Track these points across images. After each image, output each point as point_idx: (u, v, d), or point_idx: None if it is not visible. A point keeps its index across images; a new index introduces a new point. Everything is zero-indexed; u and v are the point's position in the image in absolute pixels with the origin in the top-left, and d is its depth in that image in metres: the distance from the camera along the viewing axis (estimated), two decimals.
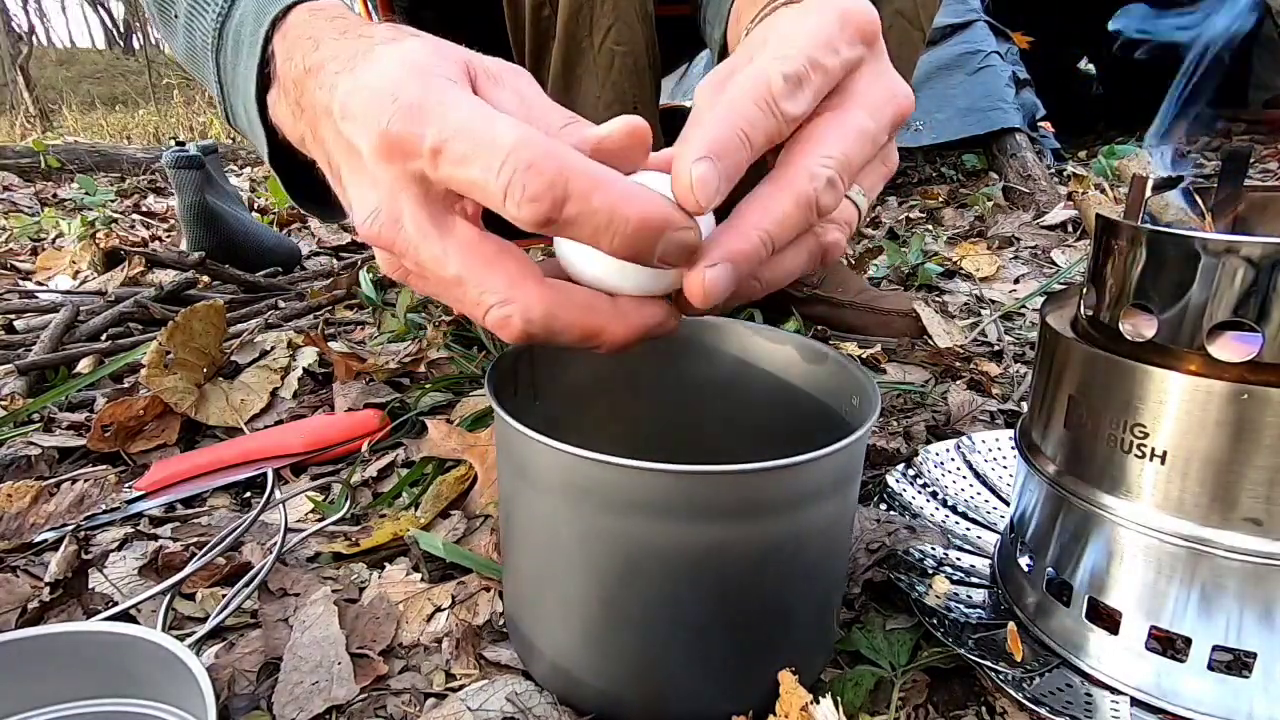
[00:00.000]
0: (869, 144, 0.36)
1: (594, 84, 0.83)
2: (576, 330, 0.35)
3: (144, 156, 3.25)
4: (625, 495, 0.37)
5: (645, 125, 0.34)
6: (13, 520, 0.63)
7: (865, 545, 0.55)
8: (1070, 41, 3.28)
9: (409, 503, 0.67)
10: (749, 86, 0.34)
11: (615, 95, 0.83)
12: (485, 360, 0.92)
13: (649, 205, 0.31)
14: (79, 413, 0.84)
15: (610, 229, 0.31)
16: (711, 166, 0.32)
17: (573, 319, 0.35)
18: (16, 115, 6.52)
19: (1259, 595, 0.39)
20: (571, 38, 0.80)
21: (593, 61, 0.82)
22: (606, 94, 0.83)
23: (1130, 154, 1.96)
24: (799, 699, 0.39)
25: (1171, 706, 0.42)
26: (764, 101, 0.33)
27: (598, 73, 0.82)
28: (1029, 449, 0.49)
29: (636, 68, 0.83)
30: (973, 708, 0.46)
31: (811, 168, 0.34)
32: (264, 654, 0.49)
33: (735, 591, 0.39)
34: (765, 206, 0.34)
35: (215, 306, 0.86)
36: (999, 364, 0.95)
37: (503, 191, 0.30)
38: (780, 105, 0.34)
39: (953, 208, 1.87)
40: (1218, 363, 0.38)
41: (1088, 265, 0.45)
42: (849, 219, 0.39)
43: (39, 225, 2.00)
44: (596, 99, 0.83)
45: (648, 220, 0.31)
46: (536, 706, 0.45)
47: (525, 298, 0.34)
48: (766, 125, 0.33)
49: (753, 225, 0.34)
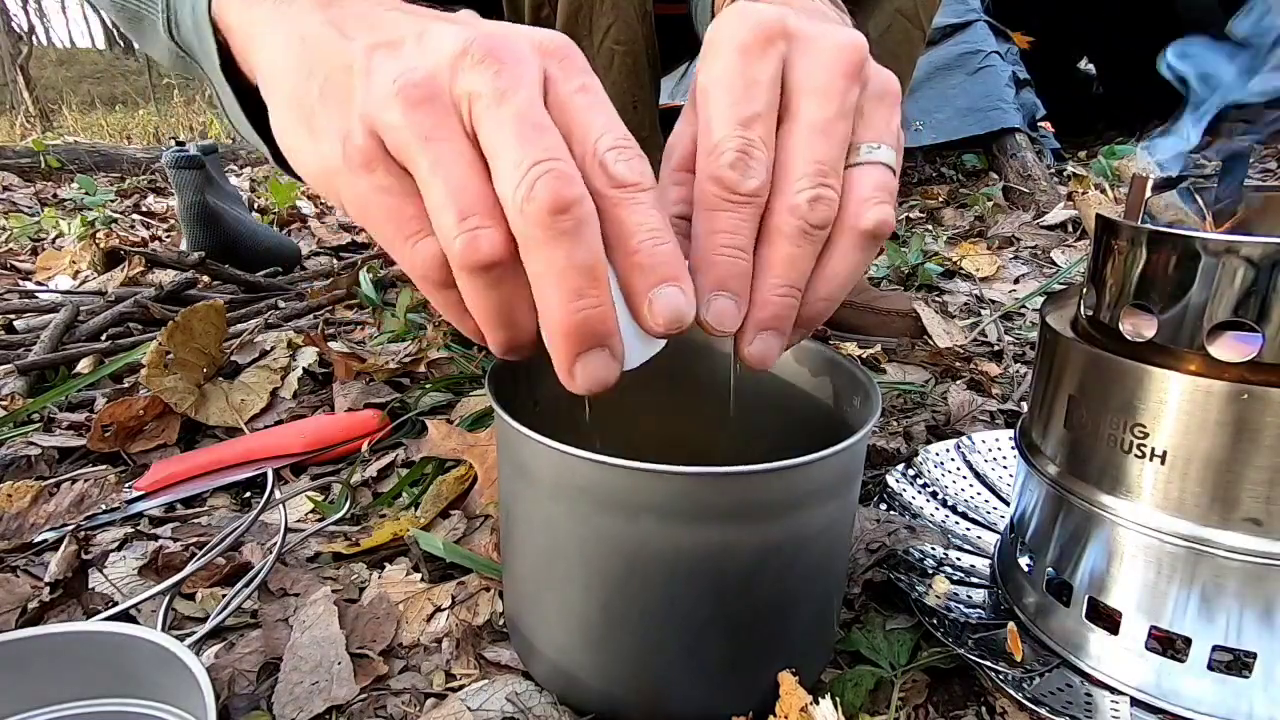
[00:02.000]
0: (835, 128, 0.34)
1: None
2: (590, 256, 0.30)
3: (144, 156, 3.25)
4: (625, 496, 0.37)
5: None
6: (13, 520, 0.63)
7: (865, 545, 0.55)
8: (1070, 41, 3.29)
9: (409, 503, 0.67)
10: (703, 198, 0.34)
11: (615, 94, 0.83)
12: (485, 360, 0.92)
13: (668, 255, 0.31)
14: (79, 413, 0.84)
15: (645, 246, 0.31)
16: (730, 301, 0.33)
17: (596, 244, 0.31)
18: (16, 115, 6.52)
19: (1259, 595, 0.39)
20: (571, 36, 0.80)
21: (592, 60, 0.81)
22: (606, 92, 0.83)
23: (1130, 154, 1.96)
24: (799, 699, 0.39)
25: (1171, 706, 0.42)
26: (725, 199, 0.33)
27: (597, 71, 0.82)
28: (1029, 449, 0.49)
29: (636, 67, 0.83)
30: (973, 708, 0.46)
31: (789, 201, 0.34)
32: (264, 654, 0.49)
33: (735, 592, 0.39)
34: (768, 262, 0.34)
35: (215, 306, 0.86)
36: (999, 364, 0.95)
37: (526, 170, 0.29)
38: (741, 190, 0.33)
39: (953, 208, 1.87)
40: (1218, 363, 0.38)
41: (1088, 265, 0.45)
42: (879, 185, 0.35)
43: (39, 225, 2.00)
44: None
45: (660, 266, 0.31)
46: (536, 706, 0.45)
47: (569, 168, 0.30)
48: (743, 214, 0.34)
49: (769, 287, 0.34)
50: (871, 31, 0.95)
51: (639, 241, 0.31)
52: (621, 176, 0.30)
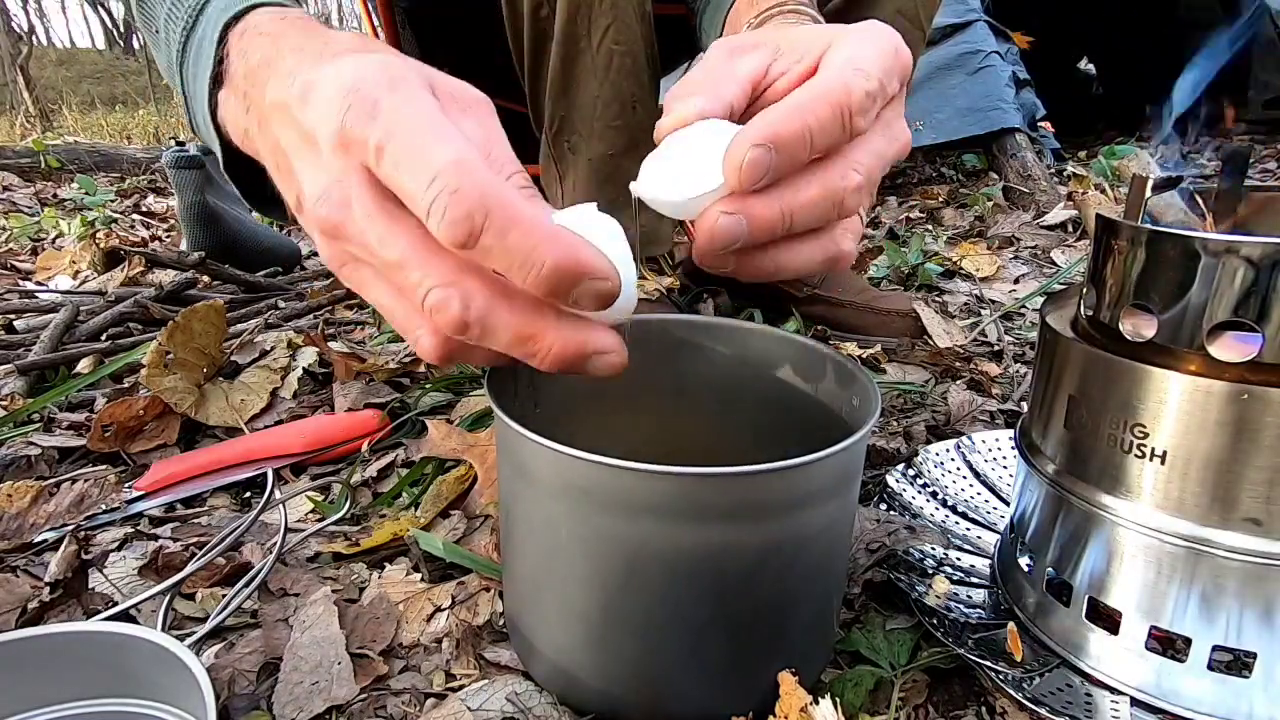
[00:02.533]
0: (879, 168, 0.38)
1: (593, 83, 0.82)
2: (514, 331, 0.34)
3: (144, 156, 3.25)
4: (625, 497, 0.37)
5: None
6: (13, 520, 0.63)
7: (865, 545, 0.55)
8: (1070, 41, 3.29)
9: (409, 503, 0.67)
10: (827, 90, 0.35)
11: (614, 94, 0.83)
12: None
13: (567, 251, 0.31)
14: (79, 413, 0.84)
15: (525, 268, 0.31)
16: (766, 155, 0.33)
17: (513, 318, 0.34)
18: (16, 115, 6.51)
19: (1259, 595, 0.39)
20: (570, 37, 0.80)
21: (591, 61, 0.82)
22: (606, 93, 0.83)
23: (1130, 154, 1.96)
24: (799, 700, 0.39)
25: (1171, 706, 0.42)
26: (841, 109, 0.34)
27: (597, 71, 0.82)
28: (1029, 449, 0.49)
29: (636, 67, 0.83)
30: (973, 708, 0.46)
31: (845, 167, 0.36)
32: (264, 654, 0.49)
33: (735, 592, 0.39)
34: (795, 186, 0.35)
35: (215, 306, 0.86)
36: (999, 364, 0.95)
37: (427, 207, 0.31)
38: (854, 119, 0.35)
39: (953, 208, 1.87)
40: (1218, 363, 0.38)
41: (1088, 265, 0.45)
42: (858, 230, 0.40)
43: (39, 225, 2.00)
44: (595, 98, 0.83)
45: (562, 266, 0.31)
46: (536, 706, 0.45)
47: (468, 284, 0.33)
48: (834, 133, 0.35)
49: (775, 196, 0.35)
50: None
51: (525, 278, 0.31)
52: (453, 239, 0.31)
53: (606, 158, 0.86)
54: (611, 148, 0.85)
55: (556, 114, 0.86)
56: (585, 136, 0.86)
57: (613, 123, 0.84)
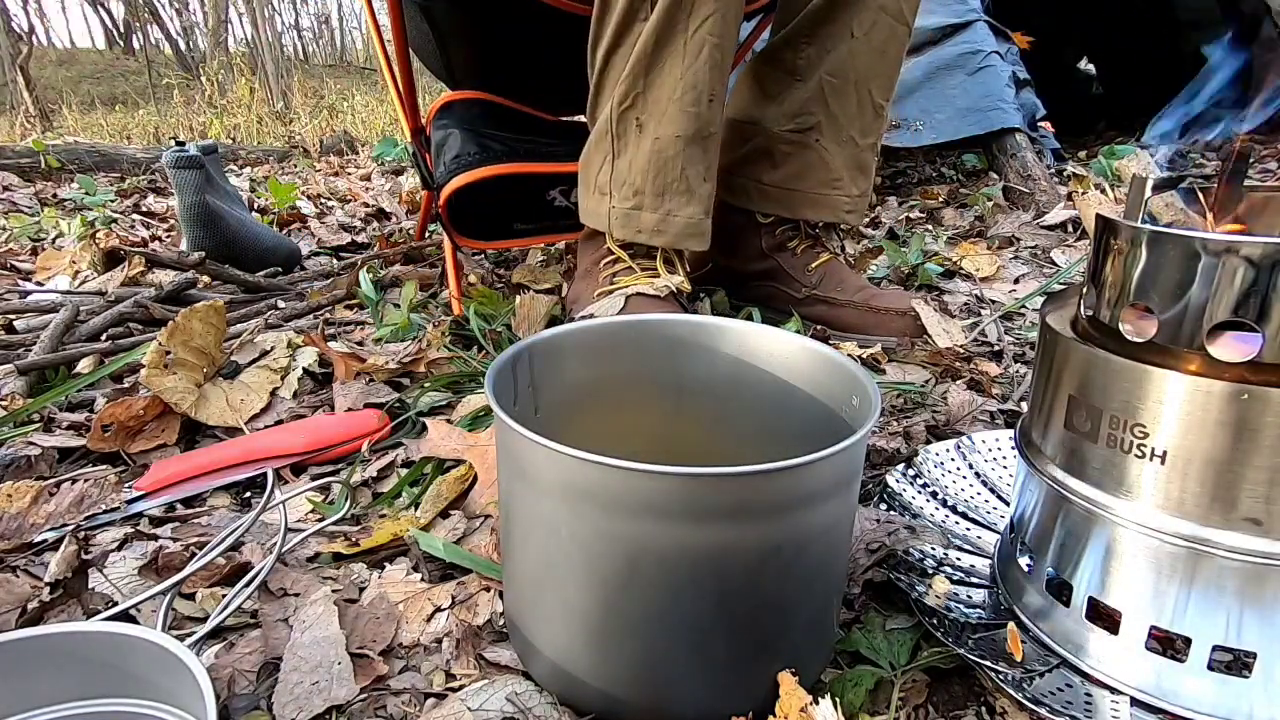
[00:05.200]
0: None
1: (678, 68, 0.83)
2: None
3: (144, 156, 3.25)
4: (625, 497, 0.37)
5: None
6: (13, 520, 0.63)
7: (865, 545, 0.55)
8: (1070, 41, 3.28)
9: (409, 503, 0.67)
10: None
11: (696, 81, 0.84)
12: (485, 360, 0.92)
13: None
14: (79, 413, 0.84)
15: None
16: None
17: None
18: (16, 115, 6.51)
19: (1259, 595, 0.39)
20: (670, 19, 0.81)
21: (684, 45, 0.83)
22: (689, 78, 0.84)
23: (1130, 154, 1.96)
24: (799, 700, 0.39)
25: (1171, 707, 0.42)
26: None
27: (686, 56, 0.83)
28: (1029, 449, 0.49)
29: (722, 62, 0.84)
30: (973, 708, 0.46)
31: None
32: (264, 654, 0.49)
33: (735, 592, 0.39)
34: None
35: (215, 306, 0.86)
36: (999, 364, 0.95)
37: None
38: None
39: (953, 208, 1.87)
40: (1218, 363, 0.38)
41: (1088, 265, 0.45)
42: None
43: (39, 225, 2.00)
44: (679, 80, 0.84)
45: None
46: (536, 707, 0.45)
47: None
48: None
49: None
50: (857, 30, 0.96)
51: None
52: None
53: (673, 139, 0.87)
54: (680, 131, 0.86)
55: (633, 90, 0.87)
56: (657, 116, 0.86)
57: (689, 108, 0.85)
